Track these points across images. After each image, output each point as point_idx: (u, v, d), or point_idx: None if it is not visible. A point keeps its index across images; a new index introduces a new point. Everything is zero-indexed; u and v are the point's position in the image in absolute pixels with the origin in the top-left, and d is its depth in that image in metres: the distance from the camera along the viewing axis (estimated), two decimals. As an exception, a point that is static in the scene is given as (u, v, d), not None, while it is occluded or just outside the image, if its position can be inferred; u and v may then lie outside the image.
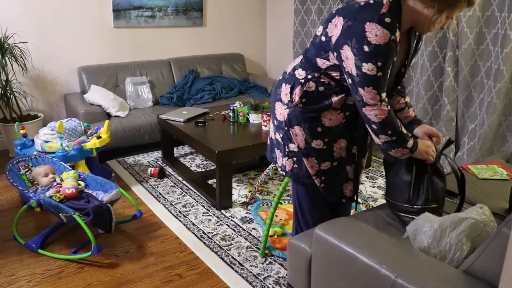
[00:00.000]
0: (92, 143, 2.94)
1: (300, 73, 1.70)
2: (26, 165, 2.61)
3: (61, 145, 2.84)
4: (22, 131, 3.02)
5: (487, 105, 3.14)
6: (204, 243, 2.52)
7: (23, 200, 2.98)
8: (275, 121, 1.82)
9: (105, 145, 3.07)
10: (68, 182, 2.45)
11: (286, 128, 1.75)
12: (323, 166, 1.76)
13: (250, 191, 3.15)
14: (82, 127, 3.11)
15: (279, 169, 1.86)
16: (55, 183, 2.49)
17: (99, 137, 3.04)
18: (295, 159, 1.78)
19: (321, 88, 1.66)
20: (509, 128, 3.12)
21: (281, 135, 1.78)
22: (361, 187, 3.25)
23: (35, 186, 2.55)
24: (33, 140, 3.06)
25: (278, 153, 1.84)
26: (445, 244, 1.47)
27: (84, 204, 2.34)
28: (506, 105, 3.05)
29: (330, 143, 1.74)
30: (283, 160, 1.82)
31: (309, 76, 1.67)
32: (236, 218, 2.80)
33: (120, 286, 2.15)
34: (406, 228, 1.64)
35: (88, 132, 3.16)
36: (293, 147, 1.76)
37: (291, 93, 1.71)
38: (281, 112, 1.76)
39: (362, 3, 1.50)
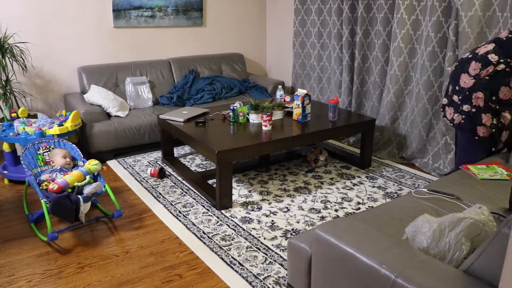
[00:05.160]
0: (52, 130, 3.25)
1: (493, 57, 2.44)
2: (48, 146, 2.81)
3: (24, 129, 3.23)
4: (13, 114, 3.46)
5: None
6: (204, 243, 2.52)
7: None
8: (456, 87, 2.60)
9: (72, 132, 3.37)
10: (65, 177, 2.51)
11: (467, 93, 2.52)
12: (495, 120, 2.50)
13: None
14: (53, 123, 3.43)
15: (448, 121, 2.70)
16: (69, 169, 2.69)
17: (61, 125, 3.33)
18: (463, 116, 2.56)
19: (507, 69, 2.41)
20: (509, 128, 3.12)
21: (460, 97, 2.57)
22: (361, 187, 3.25)
23: (48, 166, 2.75)
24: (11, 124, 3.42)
25: (450, 110, 2.67)
26: (444, 244, 1.47)
27: (50, 194, 2.43)
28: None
29: (498, 110, 2.47)
30: (454, 115, 2.64)
31: (501, 60, 2.42)
32: (236, 218, 2.80)
33: (120, 286, 2.15)
34: (405, 229, 1.64)
35: (57, 121, 3.46)
36: (466, 107, 2.54)
37: (481, 68, 2.46)
38: (466, 81, 2.53)
39: None
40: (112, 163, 3.75)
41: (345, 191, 3.19)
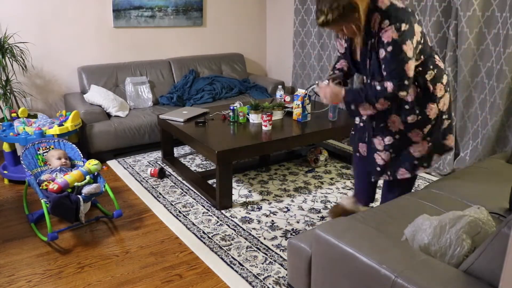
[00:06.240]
0: (52, 130, 3.25)
1: None
2: (48, 146, 2.81)
3: (24, 129, 3.22)
4: (13, 114, 3.48)
5: (490, 105, 3.13)
6: (204, 243, 2.52)
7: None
8: None
9: (72, 132, 3.36)
10: (65, 177, 2.51)
11: None
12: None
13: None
14: (53, 123, 3.42)
15: None
16: (69, 169, 2.70)
17: (61, 125, 3.32)
18: None
19: None
20: (511, 129, 3.12)
21: None
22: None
23: (48, 166, 2.75)
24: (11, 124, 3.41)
25: None
26: (445, 240, 1.47)
27: (50, 194, 2.42)
28: (508, 106, 3.05)
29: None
30: None
31: None
32: (236, 218, 2.80)
33: (120, 286, 2.15)
34: (404, 231, 1.64)
35: (57, 121, 3.45)
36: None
37: None
38: None
39: None
40: (112, 163, 3.74)
41: (345, 191, 3.19)
